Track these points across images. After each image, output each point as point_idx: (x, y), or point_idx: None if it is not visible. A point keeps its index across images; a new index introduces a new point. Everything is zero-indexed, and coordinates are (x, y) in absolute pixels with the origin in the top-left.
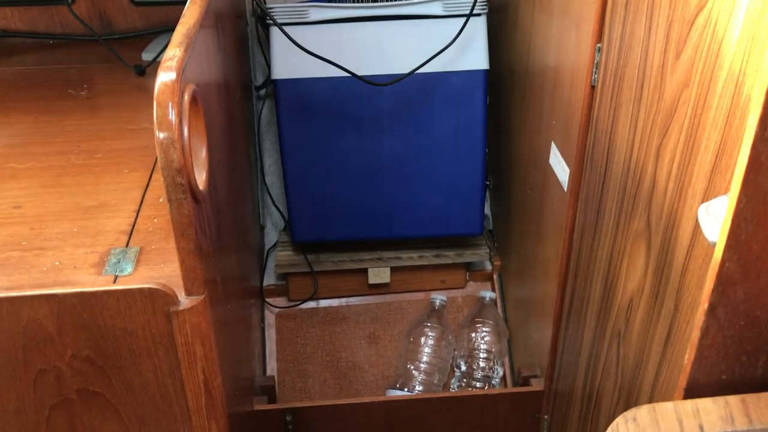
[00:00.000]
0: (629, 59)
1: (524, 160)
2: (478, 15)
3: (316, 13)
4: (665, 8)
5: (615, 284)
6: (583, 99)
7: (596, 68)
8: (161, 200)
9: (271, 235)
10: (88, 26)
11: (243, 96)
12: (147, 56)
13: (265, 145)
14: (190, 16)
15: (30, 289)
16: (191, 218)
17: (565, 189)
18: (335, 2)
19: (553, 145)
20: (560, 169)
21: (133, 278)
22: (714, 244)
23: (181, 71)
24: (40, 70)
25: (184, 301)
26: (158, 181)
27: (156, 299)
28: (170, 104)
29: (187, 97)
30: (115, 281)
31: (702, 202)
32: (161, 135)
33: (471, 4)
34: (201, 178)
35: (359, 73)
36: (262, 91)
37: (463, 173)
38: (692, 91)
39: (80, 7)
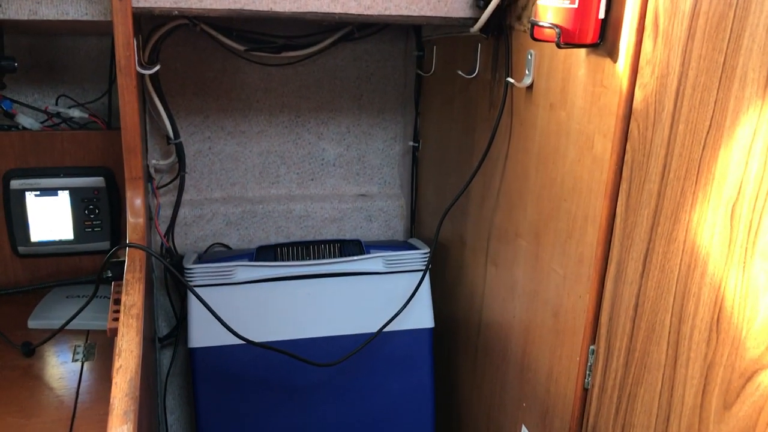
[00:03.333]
0: (643, 379)
1: (481, 428)
2: (422, 271)
3: (243, 273)
4: (700, 344)
5: None
6: (574, 401)
7: (590, 371)
8: None
9: None
10: None
11: (150, 349)
12: (34, 323)
13: (168, 401)
14: (126, 367)
15: None
16: None
17: None
18: (264, 260)
19: (525, 429)
20: None
21: None
22: None
23: None
24: None
25: None
26: None
27: None
28: None
29: None
30: None
31: None
32: None
33: (419, 261)
34: None
35: (293, 337)
36: (167, 340)
37: None
38: None
39: None
